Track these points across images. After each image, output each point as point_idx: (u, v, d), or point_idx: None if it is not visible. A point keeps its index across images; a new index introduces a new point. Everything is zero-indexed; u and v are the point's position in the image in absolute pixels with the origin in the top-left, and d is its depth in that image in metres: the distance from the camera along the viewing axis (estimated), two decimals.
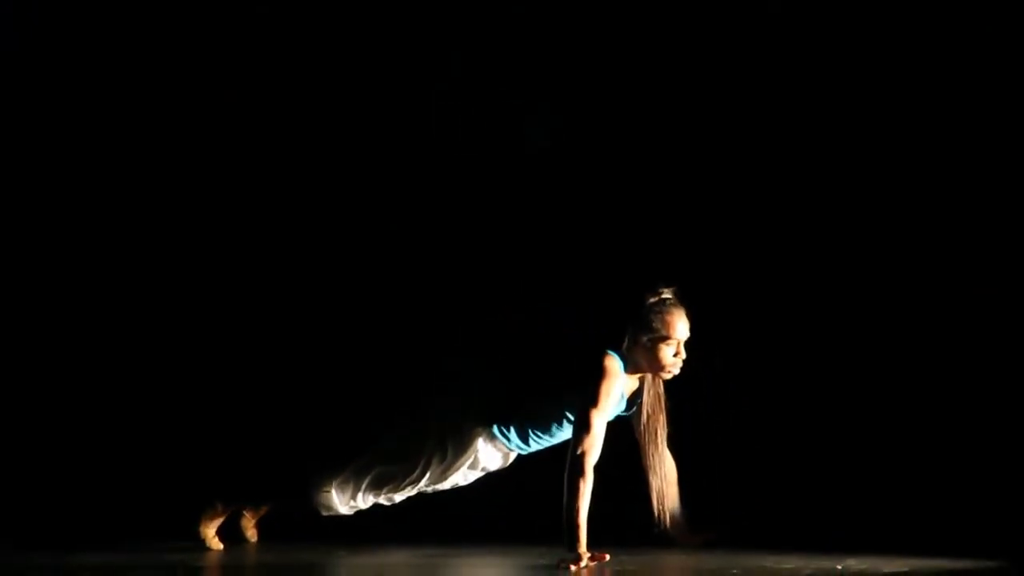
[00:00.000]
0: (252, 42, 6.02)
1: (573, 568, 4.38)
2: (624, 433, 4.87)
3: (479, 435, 4.84)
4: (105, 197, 6.07)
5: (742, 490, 5.47)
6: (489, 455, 4.89)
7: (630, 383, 4.79)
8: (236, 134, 6.03)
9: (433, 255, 5.97)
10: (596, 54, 5.86)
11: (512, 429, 4.82)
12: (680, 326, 4.68)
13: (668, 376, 4.73)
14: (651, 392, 4.81)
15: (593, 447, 4.54)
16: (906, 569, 4.36)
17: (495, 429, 4.83)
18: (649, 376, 4.79)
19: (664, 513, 4.82)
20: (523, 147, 5.87)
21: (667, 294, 4.71)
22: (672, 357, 4.69)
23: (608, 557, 4.46)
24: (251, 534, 5.06)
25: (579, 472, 4.48)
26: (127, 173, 6.07)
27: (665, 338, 4.66)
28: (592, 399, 4.59)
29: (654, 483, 4.81)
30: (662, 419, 4.83)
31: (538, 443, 4.84)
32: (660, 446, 4.83)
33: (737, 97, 5.77)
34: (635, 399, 4.83)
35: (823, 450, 5.51)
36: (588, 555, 4.41)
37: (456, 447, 4.86)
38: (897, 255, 5.57)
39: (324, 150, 6.03)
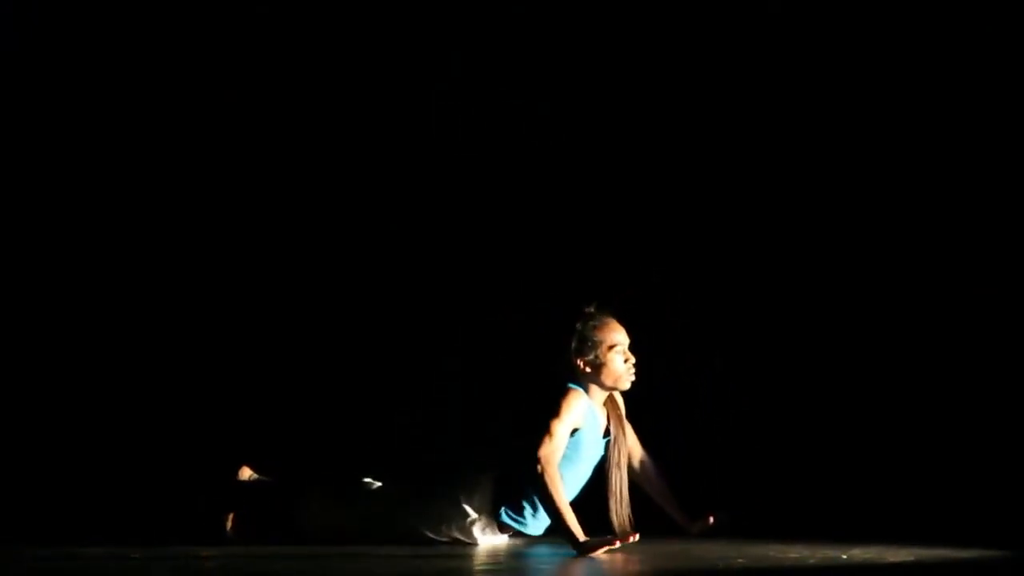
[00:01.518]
0: (252, 42, 6.02)
1: (595, 554, 4.40)
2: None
3: (476, 523, 4.85)
4: (105, 198, 6.06)
5: (747, 480, 5.47)
6: (488, 539, 4.90)
7: (600, 410, 4.85)
8: (236, 134, 6.03)
9: (433, 255, 5.96)
10: (595, 54, 5.87)
11: (525, 507, 4.86)
12: (618, 332, 4.80)
13: (627, 384, 4.81)
14: (612, 415, 4.89)
15: (554, 453, 4.59)
16: (911, 559, 4.35)
17: (504, 516, 4.87)
18: (609, 402, 4.86)
19: (625, 528, 4.79)
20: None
21: (592, 309, 4.81)
22: (624, 363, 4.78)
23: (631, 539, 4.45)
24: (229, 524, 5.06)
25: (544, 475, 4.52)
26: (127, 173, 6.07)
27: (611, 346, 4.76)
28: (555, 412, 4.65)
29: (613, 506, 4.81)
30: (624, 441, 4.88)
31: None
32: (623, 469, 4.86)
33: (738, 97, 5.77)
34: (607, 429, 4.87)
35: (827, 439, 5.51)
36: (596, 540, 4.43)
37: (451, 527, 4.86)
38: (897, 249, 5.58)
39: (324, 150, 6.03)
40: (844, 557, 4.37)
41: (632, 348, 4.84)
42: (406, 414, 5.90)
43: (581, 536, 4.47)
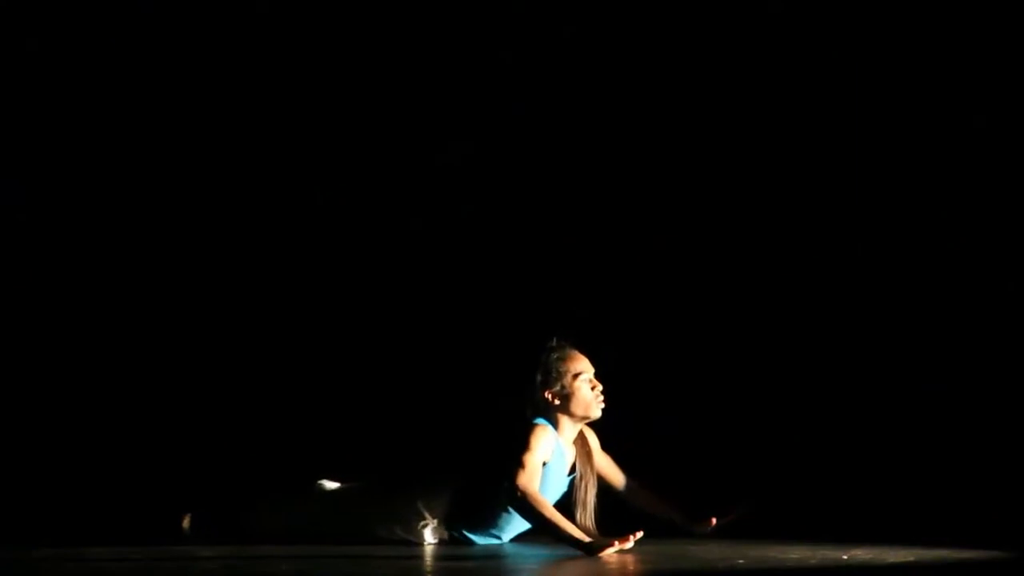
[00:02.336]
0: (252, 42, 6.02)
1: (602, 553, 4.40)
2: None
3: (428, 526, 4.87)
4: (104, 198, 6.06)
5: (748, 480, 5.47)
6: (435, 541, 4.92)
7: (568, 448, 4.84)
8: (235, 133, 6.03)
9: (434, 255, 5.96)
10: (594, 54, 5.88)
11: (477, 533, 4.88)
12: (581, 361, 4.81)
13: (597, 412, 4.80)
14: (580, 453, 4.88)
15: (531, 480, 4.59)
16: (911, 559, 4.34)
17: (454, 534, 4.89)
18: (578, 439, 4.85)
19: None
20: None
21: (553, 343, 4.82)
22: (592, 391, 4.79)
23: (635, 536, 4.44)
24: (186, 523, 5.08)
25: (527, 498, 4.54)
26: (126, 173, 6.07)
27: (576, 375, 4.77)
28: (524, 447, 4.65)
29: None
30: (591, 479, 4.86)
31: (510, 524, 4.85)
32: (588, 507, 4.83)
33: (737, 98, 5.78)
34: (574, 466, 4.87)
35: (828, 440, 5.52)
36: (602, 541, 4.43)
37: (405, 529, 4.88)
38: (897, 250, 5.59)
39: (324, 150, 6.04)
40: (845, 557, 4.37)
41: (629, 353, 4.83)
42: (405, 414, 5.89)
43: (585, 538, 4.47)
